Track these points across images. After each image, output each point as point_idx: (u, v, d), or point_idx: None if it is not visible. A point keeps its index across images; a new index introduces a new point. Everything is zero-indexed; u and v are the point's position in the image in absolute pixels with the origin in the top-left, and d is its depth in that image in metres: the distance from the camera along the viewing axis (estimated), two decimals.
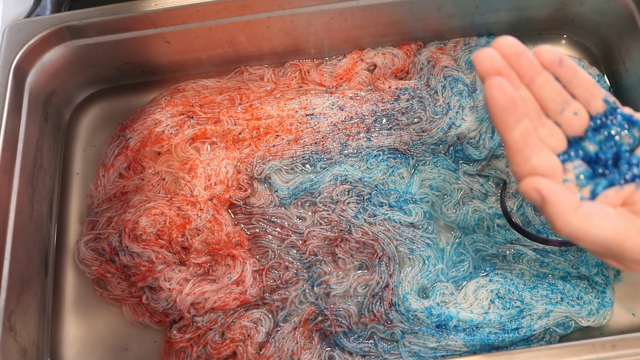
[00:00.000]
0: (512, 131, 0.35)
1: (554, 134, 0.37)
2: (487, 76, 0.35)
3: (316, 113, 0.75)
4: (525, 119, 0.35)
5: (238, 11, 0.71)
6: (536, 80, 0.36)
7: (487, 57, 0.35)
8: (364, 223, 0.68)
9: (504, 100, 0.34)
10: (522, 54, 0.36)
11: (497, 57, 0.35)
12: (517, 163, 0.36)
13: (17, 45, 0.69)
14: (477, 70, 0.35)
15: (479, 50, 0.35)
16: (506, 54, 0.35)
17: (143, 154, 0.74)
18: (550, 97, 0.37)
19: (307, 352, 0.63)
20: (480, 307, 0.63)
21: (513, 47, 0.35)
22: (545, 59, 0.36)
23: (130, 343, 0.67)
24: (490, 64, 0.35)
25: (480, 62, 0.35)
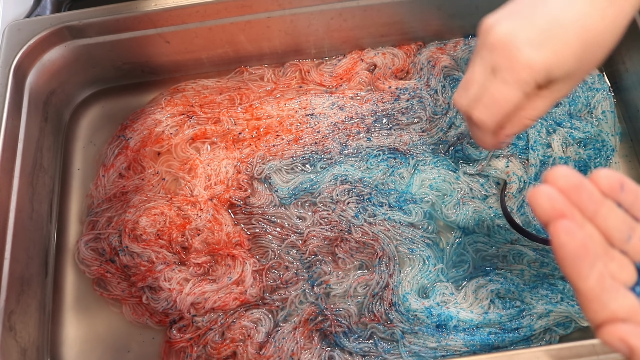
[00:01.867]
0: (587, 279, 0.31)
1: (623, 266, 0.34)
2: (551, 221, 0.31)
3: (316, 113, 0.75)
4: (598, 261, 0.32)
5: (238, 11, 0.71)
6: (599, 212, 0.33)
7: (546, 197, 0.32)
8: (364, 223, 0.68)
9: (576, 247, 0.31)
10: (581, 187, 0.32)
11: (556, 196, 0.32)
12: (593, 310, 0.32)
13: (17, 45, 0.69)
14: (535, 212, 0.32)
15: (535, 190, 0.32)
16: (563, 188, 0.32)
17: (143, 154, 0.74)
18: (616, 227, 0.34)
19: (307, 352, 0.63)
20: (480, 307, 0.63)
21: (570, 180, 0.32)
22: (605, 186, 0.33)
23: (130, 343, 0.67)
24: (551, 206, 0.32)
25: (538, 204, 0.32)
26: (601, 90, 0.72)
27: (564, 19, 0.42)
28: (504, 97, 0.45)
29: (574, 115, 0.72)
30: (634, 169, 0.72)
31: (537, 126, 0.70)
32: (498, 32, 0.44)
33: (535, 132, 0.70)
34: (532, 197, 0.32)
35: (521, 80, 0.43)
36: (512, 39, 0.43)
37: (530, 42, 0.42)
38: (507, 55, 0.43)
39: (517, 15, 0.44)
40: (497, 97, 0.45)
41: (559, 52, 0.42)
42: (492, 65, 0.45)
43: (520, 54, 0.42)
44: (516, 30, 0.43)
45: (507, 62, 0.43)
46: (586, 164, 0.68)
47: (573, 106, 0.72)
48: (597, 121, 0.71)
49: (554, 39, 0.42)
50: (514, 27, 0.43)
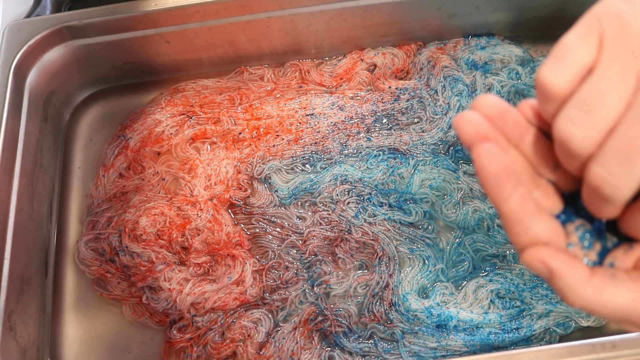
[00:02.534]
0: (508, 201, 0.31)
1: (549, 193, 0.33)
2: (474, 143, 0.31)
3: (316, 113, 0.75)
4: (521, 185, 0.31)
5: (238, 11, 0.71)
6: (525, 139, 0.32)
7: (470, 121, 0.31)
8: (364, 223, 0.68)
9: (496, 169, 0.30)
10: (507, 113, 0.32)
11: (480, 120, 0.31)
12: (516, 233, 0.32)
13: (17, 45, 0.69)
14: (460, 136, 0.32)
15: (459, 115, 0.32)
16: (489, 114, 0.32)
17: (143, 154, 0.74)
18: (541, 154, 0.33)
19: (307, 352, 0.63)
20: (480, 307, 0.63)
21: (496, 107, 0.32)
22: (530, 114, 0.33)
23: (130, 343, 0.67)
24: (474, 129, 0.31)
25: (462, 127, 0.31)
26: None
27: None
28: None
29: None
30: None
31: None
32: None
33: None
34: (457, 122, 0.31)
35: None
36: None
37: None
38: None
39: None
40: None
41: None
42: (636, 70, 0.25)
43: None
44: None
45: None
46: None
47: None
48: None
49: None
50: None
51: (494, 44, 0.78)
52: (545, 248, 0.31)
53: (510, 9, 0.75)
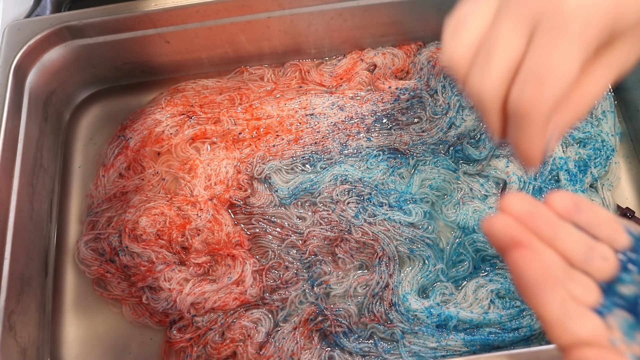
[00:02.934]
0: (549, 306, 0.30)
1: (586, 286, 0.32)
2: (507, 250, 0.30)
3: (316, 113, 0.75)
4: (559, 286, 0.30)
5: (238, 11, 0.71)
6: (556, 235, 0.31)
7: (501, 226, 0.30)
8: (364, 223, 0.68)
9: (534, 275, 0.30)
10: (537, 212, 0.31)
11: (511, 224, 0.30)
12: (557, 335, 0.31)
13: (17, 45, 0.69)
14: (491, 242, 0.31)
15: (489, 220, 0.31)
16: (518, 215, 0.31)
17: (143, 154, 0.74)
18: (575, 248, 0.32)
19: (307, 352, 0.63)
20: (480, 307, 0.63)
21: (524, 206, 0.31)
22: (560, 208, 0.32)
23: (130, 343, 0.67)
24: (506, 234, 0.30)
25: (494, 233, 0.30)
26: None
27: None
28: (560, 66, 0.30)
29: None
30: (634, 169, 0.72)
31: None
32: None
33: None
34: (487, 228, 0.31)
35: (580, 37, 0.29)
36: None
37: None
38: (551, 1, 0.29)
39: None
40: (549, 67, 0.30)
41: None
42: (525, 19, 0.30)
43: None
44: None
45: (552, 12, 0.29)
46: (586, 163, 0.68)
47: None
48: (597, 121, 0.71)
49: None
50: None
51: None
52: (590, 349, 0.30)
53: None
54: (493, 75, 0.31)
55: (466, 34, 0.33)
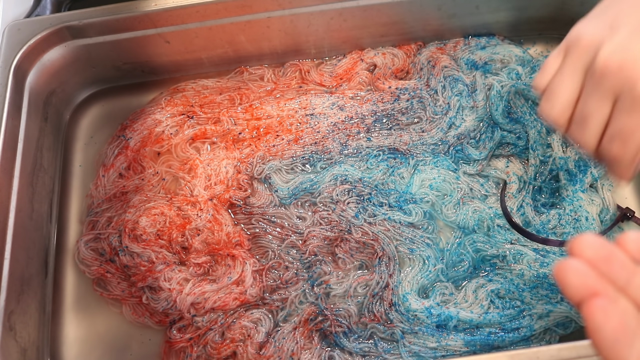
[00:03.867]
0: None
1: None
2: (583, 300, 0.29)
3: (316, 113, 0.75)
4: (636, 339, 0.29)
5: (238, 11, 0.71)
6: (632, 281, 0.30)
7: (576, 274, 0.29)
8: (364, 223, 0.68)
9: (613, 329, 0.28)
10: (612, 256, 0.30)
11: (587, 271, 0.29)
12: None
13: (17, 45, 0.69)
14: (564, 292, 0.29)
15: (561, 266, 0.29)
16: (591, 259, 0.30)
17: (143, 154, 0.74)
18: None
19: (307, 352, 0.63)
20: (480, 307, 0.63)
21: (599, 250, 0.30)
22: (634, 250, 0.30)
23: (130, 343, 0.67)
24: (581, 283, 0.29)
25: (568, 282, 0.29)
26: None
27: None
28: (637, 128, 0.39)
29: None
30: None
31: (537, 126, 0.70)
32: (606, 53, 0.38)
33: (535, 132, 0.70)
34: (559, 274, 0.29)
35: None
36: (627, 60, 0.37)
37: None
38: (627, 81, 0.37)
39: (619, 27, 0.38)
40: (630, 130, 0.39)
41: None
42: (609, 93, 0.39)
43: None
44: (627, 48, 0.37)
45: (628, 90, 0.38)
46: (586, 163, 0.68)
47: None
48: None
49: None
50: (623, 45, 0.37)
51: (494, 44, 0.77)
52: None
53: (510, 9, 0.75)
54: (590, 134, 0.42)
55: (561, 99, 0.43)
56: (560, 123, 0.44)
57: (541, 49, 0.79)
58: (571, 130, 0.44)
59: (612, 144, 0.41)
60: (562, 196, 0.68)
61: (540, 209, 0.68)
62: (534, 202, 0.68)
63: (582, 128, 0.42)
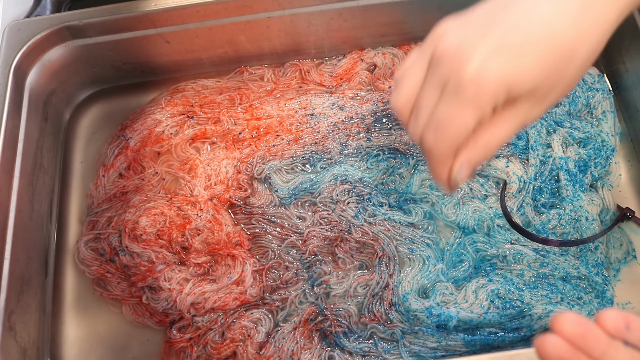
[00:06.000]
0: None
1: None
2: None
3: (316, 113, 0.75)
4: None
5: (238, 11, 0.71)
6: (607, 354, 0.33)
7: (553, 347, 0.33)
8: (364, 223, 0.68)
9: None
10: (587, 332, 0.33)
11: (562, 345, 0.33)
12: None
13: (17, 45, 0.69)
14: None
15: (541, 341, 0.33)
16: (569, 335, 0.33)
17: (143, 154, 0.74)
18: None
19: (307, 352, 0.63)
20: (480, 307, 0.63)
21: (576, 327, 0.33)
22: (610, 327, 0.33)
23: (130, 343, 0.67)
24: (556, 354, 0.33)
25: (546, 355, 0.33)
26: (601, 90, 0.72)
27: (527, 26, 0.36)
28: (455, 119, 0.37)
29: (574, 115, 0.72)
30: (634, 169, 0.72)
31: (537, 126, 0.70)
32: (447, 41, 0.37)
33: (535, 132, 0.70)
34: (539, 348, 0.33)
35: (474, 98, 0.36)
36: (463, 48, 0.36)
37: (483, 52, 0.35)
38: (456, 68, 0.36)
39: (472, 22, 0.38)
40: (447, 119, 0.37)
41: (519, 63, 0.35)
42: (440, 81, 0.37)
43: (469, 65, 0.35)
44: (468, 39, 0.36)
45: (455, 76, 0.36)
46: (586, 164, 0.68)
47: (573, 106, 0.72)
48: (597, 121, 0.71)
49: (512, 48, 0.35)
50: (466, 36, 0.37)
51: None
52: None
53: None
54: (417, 124, 0.40)
55: (405, 88, 0.41)
56: (401, 113, 0.41)
57: None
58: (409, 121, 0.41)
59: (427, 132, 0.38)
60: (562, 196, 0.68)
61: (540, 209, 0.68)
62: (534, 202, 0.68)
63: (414, 118, 0.40)
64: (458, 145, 0.38)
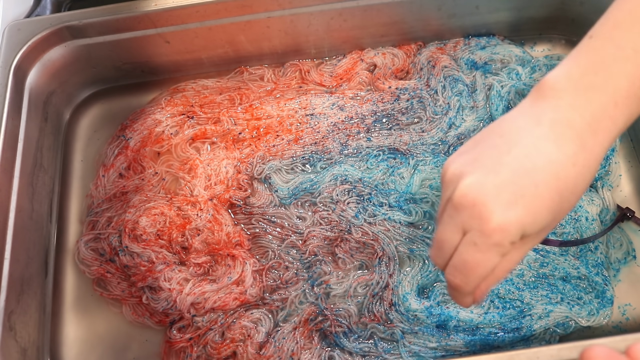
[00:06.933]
0: None
1: None
2: None
3: (316, 113, 0.75)
4: None
5: (238, 11, 0.71)
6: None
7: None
8: (364, 223, 0.68)
9: None
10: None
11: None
12: None
13: (17, 45, 0.69)
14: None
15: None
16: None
17: (143, 154, 0.74)
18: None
19: (307, 352, 0.63)
20: (480, 307, 0.63)
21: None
22: None
23: (130, 343, 0.67)
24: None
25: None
26: None
27: (533, 170, 0.39)
28: (480, 263, 0.41)
29: None
30: (634, 169, 0.72)
31: None
32: (463, 188, 0.40)
33: None
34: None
35: (496, 245, 0.39)
36: (480, 197, 0.39)
37: (500, 201, 0.38)
38: (478, 218, 0.39)
39: (480, 165, 0.40)
40: (472, 264, 0.41)
41: (532, 209, 0.39)
42: (462, 225, 0.41)
43: (493, 217, 0.38)
44: (483, 185, 0.39)
45: (477, 226, 0.39)
46: None
47: None
48: None
49: (525, 195, 0.38)
50: (480, 182, 0.39)
51: (494, 44, 0.78)
52: None
53: (510, 9, 0.75)
54: (442, 259, 0.43)
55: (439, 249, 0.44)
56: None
57: (541, 48, 0.79)
58: (432, 252, 0.46)
59: (454, 274, 0.42)
60: None
61: None
62: None
63: (438, 251, 0.44)
64: (480, 282, 0.42)
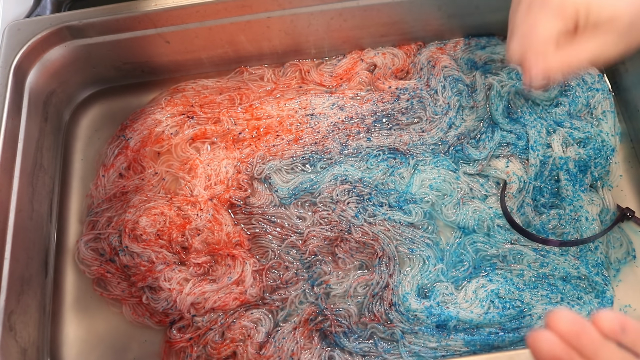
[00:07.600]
0: None
1: None
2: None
3: (316, 113, 0.75)
4: None
5: (238, 11, 0.71)
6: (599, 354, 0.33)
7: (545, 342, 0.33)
8: (364, 223, 0.68)
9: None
10: (582, 332, 0.33)
11: (555, 342, 0.33)
12: None
13: (17, 45, 0.69)
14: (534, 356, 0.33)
15: (534, 335, 0.33)
16: (564, 332, 0.33)
17: (143, 154, 0.74)
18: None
19: (307, 352, 0.63)
20: (480, 307, 0.63)
21: (571, 325, 0.33)
22: (606, 328, 0.34)
23: (130, 343, 0.67)
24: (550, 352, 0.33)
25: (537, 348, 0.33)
26: (601, 90, 0.72)
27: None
28: (539, 25, 0.45)
29: (574, 115, 0.72)
30: (634, 169, 0.72)
31: (537, 126, 0.70)
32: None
33: (535, 132, 0.70)
34: (531, 343, 0.33)
35: (558, 9, 0.43)
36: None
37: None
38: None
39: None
40: (532, 25, 0.45)
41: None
42: (528, 1, 0.46)
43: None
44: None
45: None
46: (586, 164, 0.68)
47: (573, 106, 0.72)
48: (597, 121, 0.71)
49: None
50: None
51: (494, 44, 0.77)
52: None
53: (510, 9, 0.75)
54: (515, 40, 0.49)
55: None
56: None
57: None
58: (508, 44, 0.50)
59: (519, 40, 0.47)
60: (562, 196, 0.68)
61: (540, 209, 0.68)
62: (534, 202, 0.68)
63: (511, 38, 0.49)
64: (543, 49, 0.45)
